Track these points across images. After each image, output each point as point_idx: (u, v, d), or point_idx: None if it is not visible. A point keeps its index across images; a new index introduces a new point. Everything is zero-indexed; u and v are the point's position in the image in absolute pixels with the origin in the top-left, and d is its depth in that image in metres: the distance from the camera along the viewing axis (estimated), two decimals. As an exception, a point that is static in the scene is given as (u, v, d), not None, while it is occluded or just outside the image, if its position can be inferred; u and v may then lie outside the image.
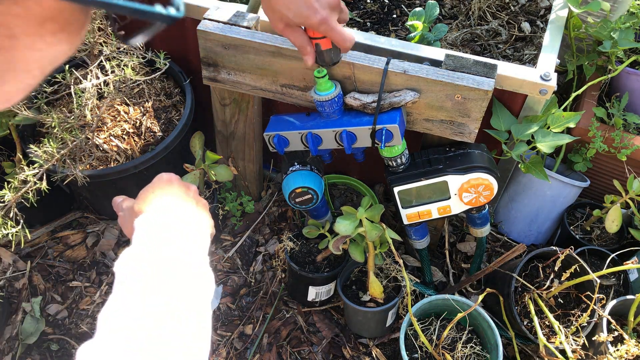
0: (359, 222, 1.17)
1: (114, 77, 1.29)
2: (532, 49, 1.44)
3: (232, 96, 1.37)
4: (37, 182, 1.23)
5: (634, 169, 1.43)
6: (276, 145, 1.19)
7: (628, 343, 1.14)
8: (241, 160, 1.56)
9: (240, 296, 1.52)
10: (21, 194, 1.21)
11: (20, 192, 1.21)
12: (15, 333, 1.41)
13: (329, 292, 1.43)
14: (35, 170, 1.23)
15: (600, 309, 1.21)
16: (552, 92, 1.16)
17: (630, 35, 1.30)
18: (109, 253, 1.60)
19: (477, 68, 1.10)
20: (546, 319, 1.25)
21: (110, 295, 0.59)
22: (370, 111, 1.13)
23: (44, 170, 1.24)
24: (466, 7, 1.57)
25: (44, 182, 1.23)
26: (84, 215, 1.68)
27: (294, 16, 0.91)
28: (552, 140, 1.23)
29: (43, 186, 1.23)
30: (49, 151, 1.25)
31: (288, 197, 1.22)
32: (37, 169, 1.24)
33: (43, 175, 1.25)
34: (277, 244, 1.61)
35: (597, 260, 1.42)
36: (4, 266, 1.55)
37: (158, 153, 1.39)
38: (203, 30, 1.20)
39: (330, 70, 1.14)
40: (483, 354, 1.25)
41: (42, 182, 1.23)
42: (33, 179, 1.22)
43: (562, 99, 1.60)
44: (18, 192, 1.21)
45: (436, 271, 1.54)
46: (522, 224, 1.59)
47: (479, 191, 1.16)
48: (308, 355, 1.41)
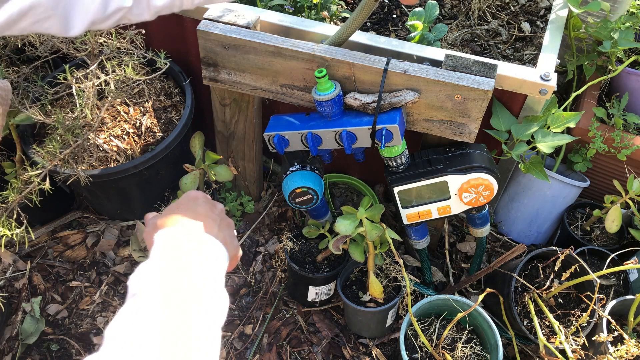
0: (359, 222, 1.17)
1: (115, 77, 1.29)
2: (532, 49, 1.44)
3: (232, 96, 1.37)
4: (40, 183, 1.23)
5: (634, 169, 1.43)
6: (276, 145, 1.19)
7: (628, 343, 1.14)
8: (241, 160, 1.56)
9: (240, 296, 1.52)
10: (24, 194, 1.21)
11: (24, 192, 1.21)
12: (15, 333, 1.41)
13: (329, 292, 1.43)
14: (38, 171, 1.23)
15: (600, 309, 1.21)
16: (552, 92, 1.16)
17: (630, 35, 1.30)
18: (109, 253, 1.60)
19: (477, 68, 1.10)
20: (546, 319, 1.25)
21: (121, 308, 0.58)
22: (370, 111, 1.13)
23: (47, 170, 1.25)
24: (466, 7, 1.57)
25: (47, 183, 1.23)
26: (84, 215, 1.68)
27: None
28: (552, 140, 1.23)
29: (46, 187, 1.23)
30: (52, 151, 1.25)
31: (288, 197, 1.22)
32: (40, 169, 1.24)
33: (46, 175, 1.25)
34: (277, 244, 1.61)
35: (597, 260, 1.42)
36: (4, 266, 1.55)
37: (158, 153, 1.39)
38: (203, 30, 1.20)
39: (330, 70, 1.14)
40: (483, 354, 1.25)
41: (46, 183, 1.23)
42: (37, 179, 1.22)
43: (562, 99, 1.60)
44: (21, 193, 1.21)
45: (436, 271, 1.54)
46: (522, 224, 1.59)
47: (479, 191, 1.16)
48: (308, 355, 1.41)
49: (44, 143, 1.27)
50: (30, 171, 1.23)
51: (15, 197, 1.20)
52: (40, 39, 1.28)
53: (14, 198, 1.20)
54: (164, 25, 1.48)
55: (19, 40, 1.29)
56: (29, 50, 1.36)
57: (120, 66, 1.30)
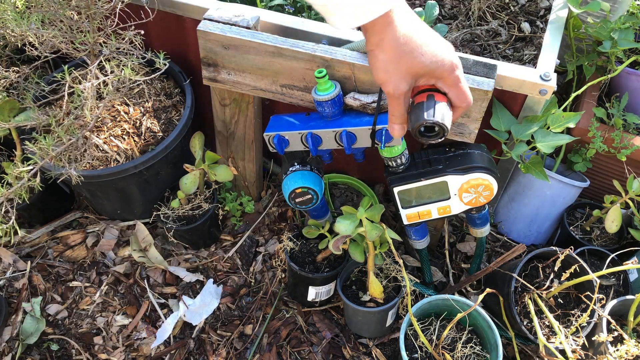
0: (359, 222, 1.17)
1: (114, 77, 1.29)
2: (532, 49, 1.44)
3: (232, 96, 1.37)
4: (30, 179, 1.21)
5: (633, 169, 1.43)
6: (276, 145, 1.19)
7: (628, 343, 1.14)
8: (241, 161, 1.56)
9: (240, 296, 1.52)
10: (13, 190, 1.20)
11: (13, 188, 1.20)
12: (15, 333, 1.41)
13: (329, 292, 1.43)
14: (29, 167, 1.22)
15: (600, 309, 1.21)
16: (552, 92, 1.17)
17: (629, 35, 1.30)
18: (109, 253, 1.60)
19: (477, 68, 1.10)
20: (546, 319, 1.25)
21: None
22: (370, 111, 1.13)
23: (38, 167, 1.23)
24: (466, 8, 1.57)
25: (38, 179, 1.22)
26: (84, 215, 1.68)
27: (430, 62, 0.81)
28: (552, 141, 1.24)
29: (36, 183, 1.21)
30: (44, 148, 1.24)
31: (288, 197, 1.22)
32: (32, 165, 1.23)
33: (37, 172, 1.24)
34: (277, 244, 1.61)
35: (597, 260, 1.42)
36: (4, 266, 1.55)
37: (158, 153, 1.39)
38: (203, 30, 1.20)
39: (330, 71, 1.14)
40: (483, 354, 1.25)
41: (36, 179, 1.22)
42: (27, 175, 1.21)
43: (562, 99, 1.61)
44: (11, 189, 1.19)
45: (436, 271, 1.54)
46: (522, 224, 1.59)
47: (478, 191, 1.16)
48: (308, 355, 1.41)
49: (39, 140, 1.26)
50: (21, 167, 1.21)
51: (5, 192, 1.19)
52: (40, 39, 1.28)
53: (2, 193, 1.19)
54: (163, 26, 1.48)
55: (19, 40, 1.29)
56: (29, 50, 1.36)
57: (119, 67, 1.30)
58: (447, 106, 0.87)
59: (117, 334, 1.45)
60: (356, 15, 0.76)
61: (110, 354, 1.41)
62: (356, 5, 0.75)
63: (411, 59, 0.81)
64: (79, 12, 1.29)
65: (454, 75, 0.85)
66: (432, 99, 0.87)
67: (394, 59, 0.81)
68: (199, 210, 1.50)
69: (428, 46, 0.81)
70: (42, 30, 1.26)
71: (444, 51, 0.84)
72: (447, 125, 0.86)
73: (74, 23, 1.30)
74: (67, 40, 1.30)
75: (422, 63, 0.81)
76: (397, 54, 0.80)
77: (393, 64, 0.81)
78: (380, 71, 0.83)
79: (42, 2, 1.28)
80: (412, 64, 0.81)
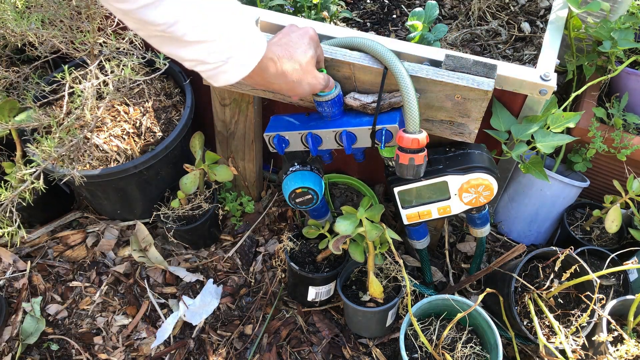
0: (359, 222, 1.17)
1: (114, 77, 1.29)
2: (532, 49, 1.44)
3: (232, 96, 1.37)
4: (34, 182, 1.22)
5: (633, 169, 1.43)
6: (276, 145, 1.19)
7: (628, 343, 1.14)
8: (241, 160, 1.56)
9: (240, 296, 1.52)
10: (18, 193, 1.20)
11: (17, 191, 1.20)
12: (15, 333, 1.41)
13: (329, 292, 1.43)
14: (32, 169, 1.23)
15: (600, 309, 1.21)
16: (552, 92, 1.16)
17: (630, 35, 1.30)
18: (109, 253, 1.60)
19: (477, 68, 1.10)
20: (546, 319, 1.25)
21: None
22: (370, 111, 1.13)
23: (41, 169, 1.24)
24: (466, 8, 1.57)
25: (41, 181, 1.22)
26: (84, 215, 1.68)
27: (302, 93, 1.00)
28: (552, 141, 1.24)
29: (40, 185, 1.22)
30: (47, 150, 1.25)
31: (288, 197, 1.22)
32: (35, 167, 1.23)
33: (40, 174, 1.24)
34: (277, 244, 1.61)
35: (597, 260, 1.42)
36: (4, 266, 1.55)
37: (158, 153, 1.39)
38: (203, 30, 1.20)
39: (330, 71, 1.14)
40: (483, 354, 1.25)
41: (39, 181, 1.22)
42: (30, 177, 1.22)
43: (562, 99, 1.60)
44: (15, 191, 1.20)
45: (436, 271, 1.54)
46: (522, 224, 1.59)
47: (478, 191, 1.16)
48: (308, 355, 1.41)
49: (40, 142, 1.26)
50: (24, 169, 1.22)
51: (9, 194, 1.19)
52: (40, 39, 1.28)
53: (7, 196, 1.19)
54: (164, 25, 1.47)
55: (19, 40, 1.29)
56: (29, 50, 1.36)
57: (119, 67, 1.30)
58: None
59: (117, 334, 1.45)
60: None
61: (110, 354, 1.41)
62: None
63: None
64: (79, 12, 1.29)
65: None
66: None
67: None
68: (199, 210, 1.50)
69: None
70: (42, 30, 1.26)
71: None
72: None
73: (74, 23, 1.30)
74: (67, 40, 1.30)
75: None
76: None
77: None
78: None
79: (42, 2, 1.28)
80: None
